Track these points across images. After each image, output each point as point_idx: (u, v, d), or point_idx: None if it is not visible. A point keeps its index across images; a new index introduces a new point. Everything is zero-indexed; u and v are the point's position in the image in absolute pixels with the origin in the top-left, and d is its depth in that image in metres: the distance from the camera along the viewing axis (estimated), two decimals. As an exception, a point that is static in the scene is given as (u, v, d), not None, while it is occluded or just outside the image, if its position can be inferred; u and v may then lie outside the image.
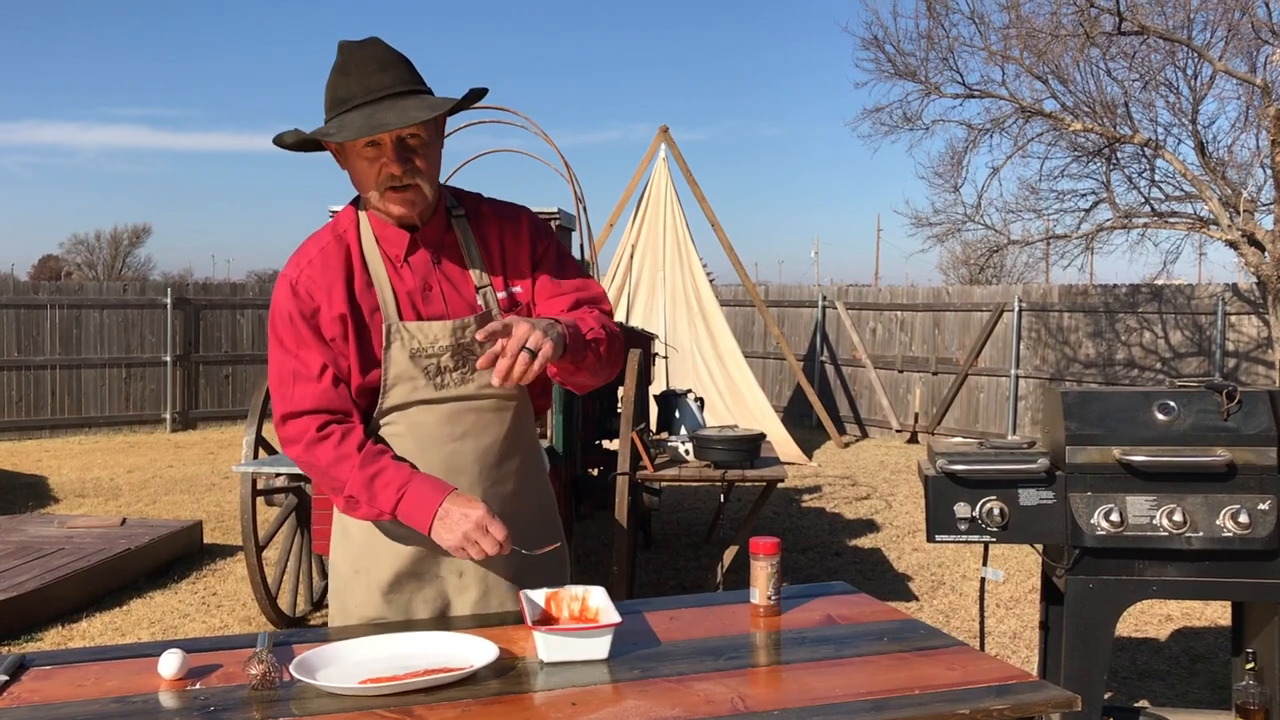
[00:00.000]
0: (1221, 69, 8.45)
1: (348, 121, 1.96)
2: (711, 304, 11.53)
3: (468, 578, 2.15)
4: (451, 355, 2.08)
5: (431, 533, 1.98)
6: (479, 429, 2.13)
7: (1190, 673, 4.79)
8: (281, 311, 2.06)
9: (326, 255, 2.08)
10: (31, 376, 12.82)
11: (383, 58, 2.00)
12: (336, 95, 1.99)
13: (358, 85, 1.97)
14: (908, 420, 13.22)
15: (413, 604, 2.14)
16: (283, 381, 2.06)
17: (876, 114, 10.83)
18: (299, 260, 2.09)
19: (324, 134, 1.97)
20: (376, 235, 2.10)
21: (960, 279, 31.07)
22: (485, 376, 2.05)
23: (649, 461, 5.30)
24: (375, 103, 1.96)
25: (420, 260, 2.11)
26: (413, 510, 1.99)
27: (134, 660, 1.87)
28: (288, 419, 2.06)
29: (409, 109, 1.95)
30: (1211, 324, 10.50)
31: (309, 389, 2.04)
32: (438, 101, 2.00)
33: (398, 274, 2.09)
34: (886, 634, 2.01)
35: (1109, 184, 10.21)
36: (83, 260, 44.68)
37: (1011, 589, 6.23)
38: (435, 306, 2.09)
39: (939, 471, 3.01)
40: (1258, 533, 2.83)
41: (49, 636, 5.21)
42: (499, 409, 2.15)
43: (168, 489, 9.44)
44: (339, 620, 2.20)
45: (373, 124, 1.92)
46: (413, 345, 2.06)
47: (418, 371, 2.07)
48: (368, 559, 2.15)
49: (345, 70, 1.99)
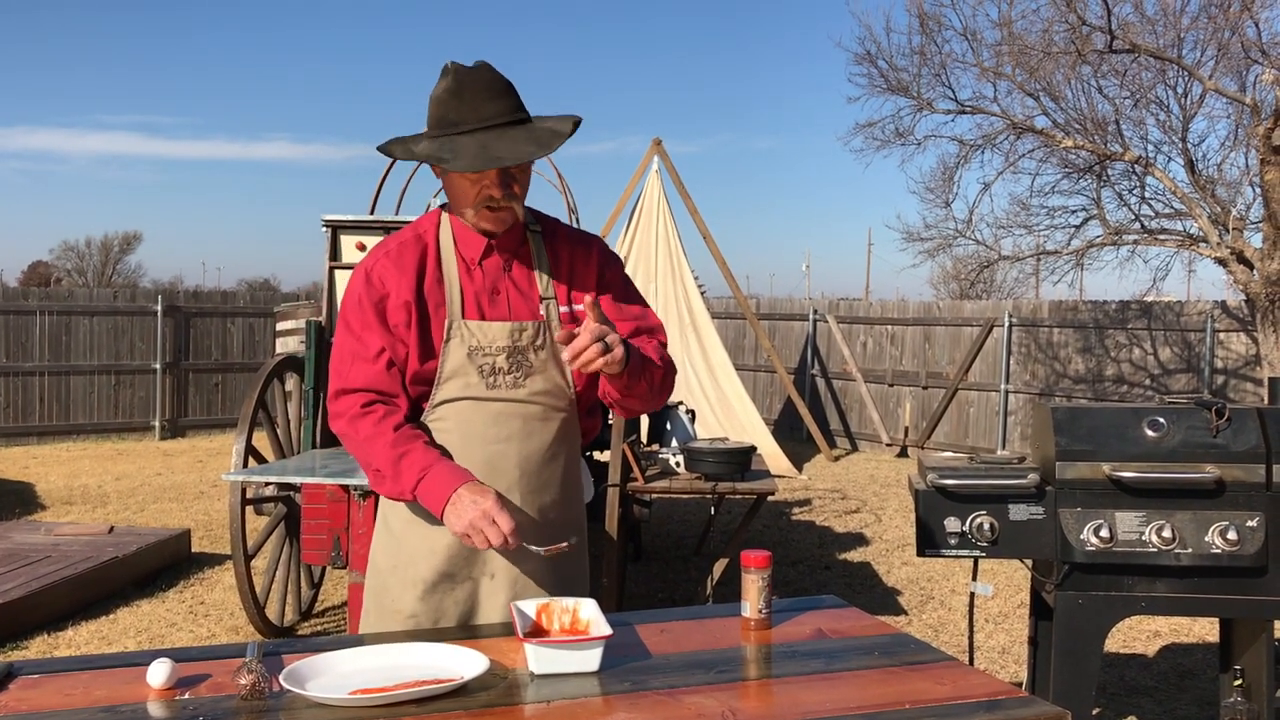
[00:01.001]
0: (1211, 88, 8.51)
1: (460, 148, 2.03)
2: (703, 316, 11.54)
3: (499, 580, 2.19)
4: (507, 357, 2.16)
5: (443, 516, 2.04)
6: (524, 434, 2.19)
7: (1179, 689, 4.80)
8: (353, 296, 2.17)
9: (403, 249, 2.18)
10: (20, 383, 12.76)
11: (493, 84, 2.08)
12: (447, 116, 2.07)
13: (470, 111, 2.05)
14: (898, 434, 13.24)
15: (445, 604, 2.19)
16: (342, 360, 2.16)
17: (869, 129, 10.89)
18: (377, 251, 2.20)
19: (439, 160, 2.04)
20: (455, 236, 2.20)
21: (951, 294, 31.15)
22: (536, 383, 2.17)
23: (639, 473, 5.30)
24: (486, 131, 2.05)
25: (493, 265, 2.20)
26: (430, 492, 2.05)
27: (123, 669, 1.86)
28: (340, 394, 2.16)
29: (520, 143, 2.05)
30: (1201, 341, 10.55)
31: (364, 369, 2.14)
32: (546, 137, 2.07)
33: (469, 274, 2.18)
34: (877, 648, 2.01)
35: (1099, 201, 10.27)
36: (73, 266, 44.59)
37: (1001, 604, 6.24)
38: (499, 309, 2.18)
39: (929, 486, 3.01)
40: (1246, 549, 2.84)
41: (35, 645, 5.18)
42: (546, 417, 2.21)
43: (156, 497, 9.40)
44: (373, 618, 2.25)
45: (488, 157, 2.02)
46: (471, 343, 2.14)
47: (472, 369, 2.15)
48: (405, 555, 2.21)
49: (458, 94, 2.06)
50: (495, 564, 2.18)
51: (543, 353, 2.18)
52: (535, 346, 2.17)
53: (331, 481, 4.65)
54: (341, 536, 4.72)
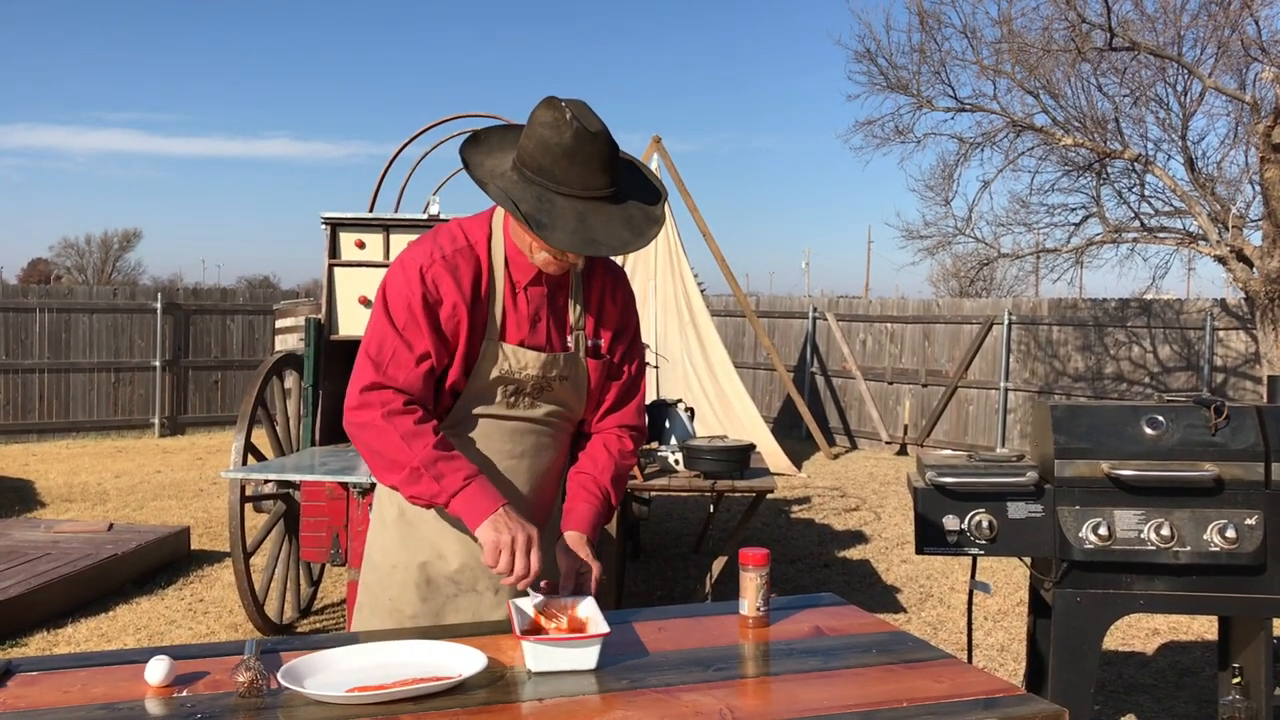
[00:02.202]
0: (1211, 85, 8.50)
1: (559, 216, 1.96)
2: (702, 314, 11.54)
3: (502, 595, 2.21)
4: (534, 383, 2.17)
5: (480, 530, 2.01)
6: (536, 450, 2.24)
7: (1177, 687, 4.81)
8: (400, 290, 2.09)
9: (460, 257, 2.11)
10: (19, 380, 12.76)
11: (606, 158, 1.99)
12: (551, 170, 1.97)
13: (577, 178, 1.97)
14: (897, 432, 13.24)
15: (445, 610, 2.21)
16: (381, 352, 2.08)
17: (868, 127, 10.89)
18: (432, 250, 2.11)
19: (537, 224, 1.94)
20: (509, 257, 2.15)
21: (950, 291, 31.13)
22: (552, 404, 2.22)
23: (638, 471, 5.30)
24: (585, 201, 1.98)
25: (537, 292, 2.17)
26: (472, 500, 2.02)
27: (121, 667, 1.86)
28: (375, 387, 2.07)
29: (616, 226, 1.99)
30: (1200, 339, 10.55)
31: (404, 370, 2.08)
32: (641, 224, 2.02)
33: (514, 298, 2.16)
34: (875, 646, 2.01)
35: (1099, 199, 10.27)
36: (72, 264, 44.59)
37: (999, 602, 6.24)
38: (538, 337, 2.18)
39: (928, 483, 3.01)
40: (1244, 547, 2.84)
41: (34, 642, 5.18)
42: (556, 435, 2.27)
43: (155, 494, 9.40)
44: (368, 613, 2.25)
45: (587, 239, 1.96)
46: (504, 366, 2.14)
47: (499, 390, 2.16)
48: (410, 555, 2.21)
49: (572, 157, 1.95)
50: (499, 580, 2.18)
51: (566, 382, 2.21)
52: (561, 376, 2.20)
53: (331, 479, 4.65)
54: (340, 534, 4.72)
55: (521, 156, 2.00)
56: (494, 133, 2.11)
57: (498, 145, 2.09)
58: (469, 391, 2.15)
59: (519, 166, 2.01)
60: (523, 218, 1.94)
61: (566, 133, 1.95)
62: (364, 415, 2.07)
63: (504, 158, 2.06)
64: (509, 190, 1.98)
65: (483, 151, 2.07)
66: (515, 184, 2.00)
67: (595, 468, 2.26)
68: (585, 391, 2.25)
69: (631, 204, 2.04)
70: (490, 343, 2.13)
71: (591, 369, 2.24)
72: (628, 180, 2.06)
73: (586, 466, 2.27)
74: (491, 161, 2.05)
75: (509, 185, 1.99)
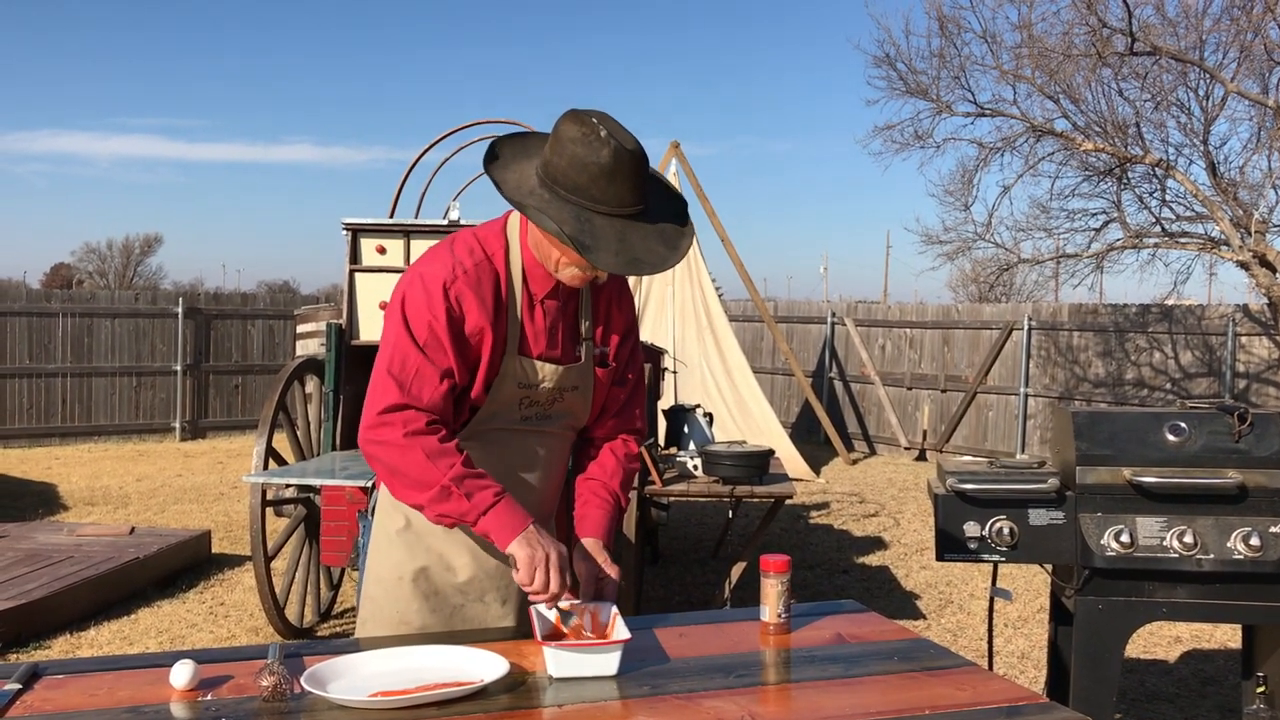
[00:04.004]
0: (1233, 90, 8.45)
1: (599, 235, 1.93)
2: (720, 319, 11.53)
3: (509, 606, 2.23)
4: (548, 395, 2.19)
5: (512, 546, 1.99)
6: (547, 460, 2.27)
7: (1200, 695, 4.77)
8: (422, 307, 2.04)
9: (481, 272, 2.08)
10: (42, 384, 12.87)
11: (641, 175, 1.97)
12: (588, 190, 1.94)
13: (614, 196, 1.94)
14: (916, 438, 13.19)
15: (452, 620, 2.22)
16: (405, 370, 2.04)
17: (887, 131, 10.84)
18: (451, 263, 2.07)
19: (580, 245, 1.91)
20: (526, 269, 2.13)
21: (970, 297, 31.04)
22: (563, 413, 2.24)
23: (657, 476, 5.30)
24: (623, 220, 1.96)
25: (553, 305, 2.17)
26: (502, 516, 2.00)
27: (146, 670, 1.87)
28: (398, 408, 2.02)
29: (653, 243, 1.98)
30: (1222, 345, 10.47)
31: (429, 389, 2.04)
32: (674, 238, 2.02)
33: (531, 311, 2.15)
34: (896, 653, 2.01)
35: (1120, 204, 10.20)
36: (94, 269, 44.97)
37: (1020, 609, 6.21)
38: (554, 350, 2.18)
39: (948, 490, 3.00)
40: (1269, 555, 2.82)
41: (57, 645, 5.22)
42: (563, 441, 2.30)
43: (177, 498, 9.46)
44: (372, 626, 2.26)
45: (630, 259, 1.94)
46: (521, 379, 2.15)
47: (515, 401, 2.17)
48: (417, 567, 2.21)
49: (611, 176, 1.92)
50: (508, 591, 2.23)
51: (576, 391, 2.22)
52: (573, 387, 2.21)
53: (351, 484, 4.67)
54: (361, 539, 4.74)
55: (551, 174, 1.96)
56: (507, 144, 2.07)
57: (514, 157, 2.05)
58: (489, 405, 2.15)
59: (549, 184, 1.97)
60: (568, 240, 1.90)
61: (604, 151, 1.91)
62: (383, 434, 2.03)
63: (524, 171, 2.02)
64: (546, 210, 1.94)
65: (501, 166, 2.03)
66: (550, 203, 1.95)
67: (604, 474, 2.27)
68: (591, 400, 2.26)
69: (661, 220, 2.03)
70: (511, 357, 2.12)
71: (599, 377, 2.25)
72: (653, 193, 2.04)
73: (595, 473, 2.28)
74: (513, 176, 2.01)
75: (543, 204, 1.95)
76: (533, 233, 2.10)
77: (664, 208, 2.05)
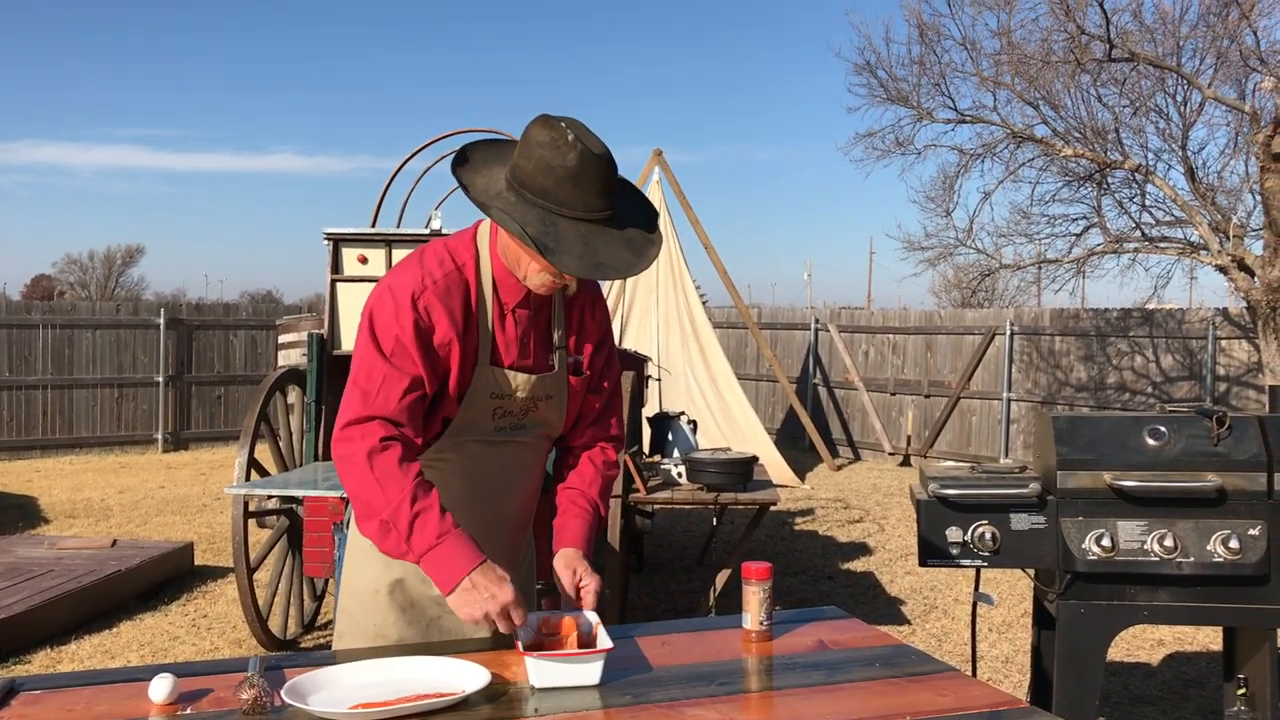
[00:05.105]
0: (1211, 96, 8.52)
1: (564, 240, 1.92)
2: (705, 326, 11.55)
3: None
4: (521, 405, 2.17)
5: (451, 598, 1.94)
6: (521, 470, 2.26)
7: (1182, 698, 4.79)
8: (389, 319, 2.03)
9: (450, 283, 2.06)
10: (23, 396, 12.78)
11: (608, 180, 1.96)
12: (555, 194, 1.93)
13: (580, 200, 1.93)
14: (900, 443, 13.22)
15: (429, 632, 2.21)
16: (370, 380, 2.02)
17: (869, 139, 10.89)
18: (420, 275, 2.05)
19: (544, 248, 1.90)
20: (496, 279, 2.12)
21: (952, 302, 31.15)
22: (537, 423, 2.23)
23: (641, 484, 5.30)
24: (589, 224, 1.95)
25: (524, 314, 2.16)
26: (442, 565, 1.94)
27: (125, 685, 1.86)
28: (360, 421, 2.00)
29: (619, 249, 1.96)
30: (1202, 348, 10.55)
31: (394, 397, 2.01)
32: (641, 246, 2.00)
33: (502, 321, 2.13)
34: (878, 659, 2.01)
35: (1100, 209, 10.28)
36: (76, 280, 44.71)
37: (1003, 613, 6.23)
38: (525, 359, 2.17)
39: (931, 496, 3.01)
40: (1248, 558, 2.84)
41: (37, 659, 5.18)
42: (538, 451, 2.29)
43: (159, 510, 9.40)
44: (349, 640, 2.22)
45: (594, 264, 1.93)
46: (494, 389, 2.13)
47: (488, 412, 2.15)
48: (393, 579, 2.19)
49: (576, 179, 1.91)
50: None
51: (550, 401, 2.21)
52: (546, 396, 2.20)
53: (333, 494, 4.65)
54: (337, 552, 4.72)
55: (519, 177, 1.96)
56: (478, 149, 2.07)
57: (484, 162, 2.05)
58: (462, 416, 2.13)
59: (516, 187, 1.96)
60: (531, 242, 1.90)
61: (570, 154, 1.91)
62: (346, 449, 2.00)
63: (493, 175, 2.01)
64: (511, 212, 1.93)
65: (471, 169, 2.02)
66: (515, 206, 1.95)
67: (583, 482, 2.27)
68: (566, 409, 2.25)
69: (629, 226, 2.02)
70: (483, 368, 2.11)
71: (574, 386, 2.24)
72: (622, 200, 2.03)
73: (575, 482, 2.27)
74: (482, 180, 2.01)
75: (509, 207, 1.95)
76: (502, 239, 2.09)
77: (633, 215, 2.04)
